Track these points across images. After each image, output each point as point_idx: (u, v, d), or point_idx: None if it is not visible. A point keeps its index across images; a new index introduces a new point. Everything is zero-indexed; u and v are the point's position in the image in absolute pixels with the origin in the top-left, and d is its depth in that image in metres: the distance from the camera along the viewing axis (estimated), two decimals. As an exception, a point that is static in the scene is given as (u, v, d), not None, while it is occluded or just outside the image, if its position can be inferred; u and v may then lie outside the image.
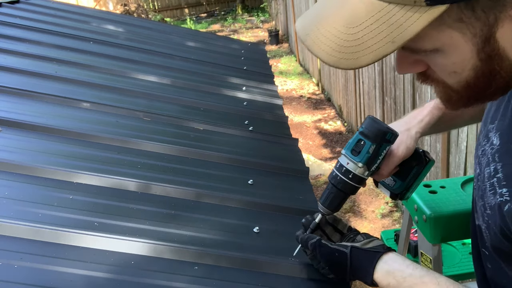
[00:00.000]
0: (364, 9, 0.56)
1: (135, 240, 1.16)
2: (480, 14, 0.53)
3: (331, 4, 0.61)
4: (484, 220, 0.76)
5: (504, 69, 0.58)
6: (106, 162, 1.55)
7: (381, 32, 0.55)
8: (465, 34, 0.55)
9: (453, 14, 0.54)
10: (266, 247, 1.27)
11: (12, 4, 3.65)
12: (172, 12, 14.91)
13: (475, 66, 0.58)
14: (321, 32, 0.59)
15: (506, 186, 0.67)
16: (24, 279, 0.99)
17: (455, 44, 0.57)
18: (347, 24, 0.57)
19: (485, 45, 0.56)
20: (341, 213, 3.97)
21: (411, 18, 0.53)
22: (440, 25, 0.55)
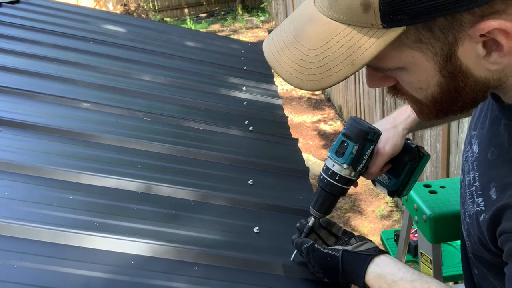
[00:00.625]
0: (325, 31, 0.56)
1: (135, 240, 1.16)
2: (438, 34, 0.53)
3: (295, 25, 0.61)
4: (465, 228, 0.76)
5: (469, 85, 0.58)
6: (106, 162, 1.55)
7: (341, 54, 0.56)
8: (426, 53, 0.55)
9: (412, 35, 0.54)
10: (266, 247, 1.27)
11: (12, 4, 3.65)
12: (172, 12, 14.91)
13: (439, 82, 0.58)
14: (285, 53, 0.60)
15: (481, 196, 0.67)
16: (24, 279, 0.99)
17: (417, 62, 0.57)
18: (309, 45, 0.58)
19: (446, 63, 0.56)
20: (341, 213, 3.97)
21: (369, 41, 0.54)
22: (400, 46, 0.55)
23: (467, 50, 0.54)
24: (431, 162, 3.35)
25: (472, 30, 0.52)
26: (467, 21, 0.51)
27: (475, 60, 0.55)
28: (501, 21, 0.50)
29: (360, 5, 0.52)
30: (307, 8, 0.60)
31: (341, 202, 4.09)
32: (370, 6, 0.51)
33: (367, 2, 0.51)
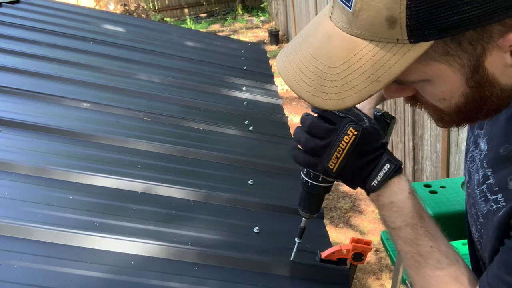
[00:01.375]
0: (345, 48, 0.54)
1: (135, 241, 1.15)
2: (467, 46, 0.51)
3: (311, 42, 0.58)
4: (477, 229, 0.74)
5: (495, 94, 0.57)
6: (106, 162, 1.55)
7: (364, 71, 0.53)
8: (453, 65, 0.54)
9: (439, 49, 0.52)
10: (266, 247, 1.27)
11: (12, 4, 3.65)
12: (172, 12, 14.91)
13: (464, 93, 0.57)
14: (303, 72, 0.57)
15: (500, 192, 0.65)
16: (24, 279, 0.99)
17: (442, 75, 0.56)
18: (329, 63, 0.55)
19: (474, 74, 0.54)
20: (341, 213, 3.97)
21: (395, 56, 0.52)
22: (426, 59, 0.53)
23: (495, 60, 0.53)
24: (431, 162, 3.35)
25: (501, 40, 0.50)
26: (497, 32, 0.50)
27: (502, 69, 0.54)
28: None
29: (385, 21, 0.49)
30: (323, 24, 0.58)
31: (341, 202, 4.09)
32: (396, 22, 0.49)
33: (392, 18, 0.49)
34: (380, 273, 3.20)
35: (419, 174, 3.62)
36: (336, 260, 1.20)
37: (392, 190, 0.78)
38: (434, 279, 0.74)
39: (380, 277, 3.17)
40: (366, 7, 0.50)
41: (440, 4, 0.47)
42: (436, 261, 0.74)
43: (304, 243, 1.27)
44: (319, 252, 1.22)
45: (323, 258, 1.21)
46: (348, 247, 1.19)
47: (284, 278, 1.14)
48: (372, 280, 3.16)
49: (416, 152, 3.62)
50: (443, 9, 0.47)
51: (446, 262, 0.74)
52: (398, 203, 0.78)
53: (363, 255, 1.20)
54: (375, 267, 3.27)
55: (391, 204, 0.78)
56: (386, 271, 3.21)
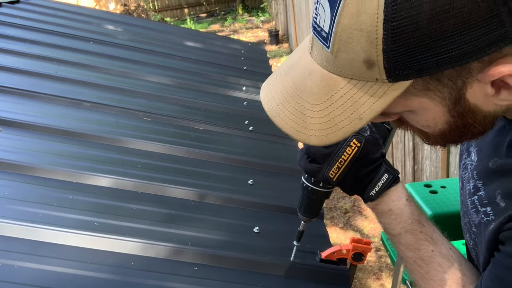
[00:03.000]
0: (326, 86, 0.54)
1: (135, 241, 1.15)
2: (446, 82, 0.51)
3: (293, 77, 0.58)
4: (471, 237, 0.74)
5: (478, 121, 0.57)
6: (106, 162, 1.55)
7: (346, 109, 0.53)
8: (434, 99, 0.54)
9: (419, 86, 0.51)
10: (266, 247, 1.27)
11: (12, 4, 3.66)
12: (172, 12, 14.91)
13: (448, 121, 0.57)
14: (287, 108, 0.57)
15: (489, 205, 0.66)
16: (24, 279, 0.99)
17: (424, 107, 0.56)
18: (311, 100, 0.55)
19: (455, 105, 0.54)
20: (341, 213, 3.97)
21: (376, 95, 0.52)
22: (407, 95, 0.53)
23: (476, 91, 0.52)
24: (431, 162, 3.35)
25: (481, 75, 0.50)
26: (476, 68, 0.50)
27: (484, 99, 0.54)
28: (510, 67, 0.49)
29: (363, 63, 0.49)
30: (304, 59, 0.57)
31: (341, 202, 4.09)
32: (374, 64, 0.49)
33: (370, 60, 0.48)
34: (380, 273, 3.20)
35: (419, 174, 3.61)
36: (336, 260, 1.20)
37: (390, 198, 0.80)
38: (437, 283, 0.75)
39: (380, 277, 3.17)
40: (344, 48, 0.49)
41: (416, 48, 0.46)
42: (438, 264, 0.75)
43: (304, 243, 1.27)
44: (319, 252, 1.22)
45: (323, 258, 1.21)
46: (348, 247, 1.19)
47: (284, 278, 1.14)
48: (372, 280, 3.16)
49: (416, 152, 3.62)
50: (419, 52, 0.47)
51: (447, 265, 0.75)
52: (396, 210, 0.80)
53: (363, 255, 1.20)
54: (375, 267, 3.27)
55: (389, 212, 0.80)
56: (386, 271, 3.21)
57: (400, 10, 0.44)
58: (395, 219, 0.80)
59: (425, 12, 0.44)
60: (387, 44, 0.46)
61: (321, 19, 0.51)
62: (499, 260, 0.62)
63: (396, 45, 0.46)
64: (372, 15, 0.45)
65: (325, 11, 0.50)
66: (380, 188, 0.80)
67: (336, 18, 0.48)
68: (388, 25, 0.45)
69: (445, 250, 0.77)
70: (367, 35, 0.46)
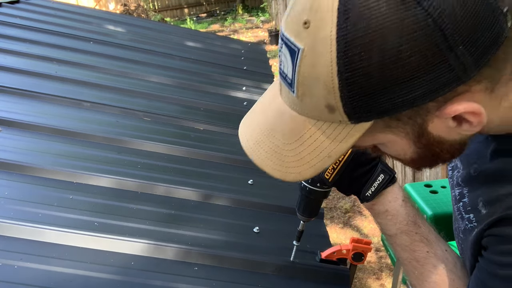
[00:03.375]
0: (296, 127, 0.57)
1: (135, 241, 1.15)
2: (406, 121, 0.53)
3: (266, 117, 0.61)
4: (459, 242, 0.76)
5: (445, 149, 0.59)
6: (106, 162, 1.55)
7: (316, 148, 0.56)
8: (398, 134, 0.56)
9: (381, 125, 0.54)
10: (266, 247, 1.27)
11: (12, 4, 3.66)
12: (172, 12, 14.90)
13: (415, 151, 0.59)
14: (262, 147, 0.61)
15: (472, 212, 0.67)
16: (24, 279, 0.99)
17: (390, 141, 0.58)
18: (284, 139, 0.58)
19: (419, 139, 0.56)
20: (341, 213, 3.97)
21: (341, 135, 0.54)
22: (371, 132, 0.55)
23: (437, 125, 0.54)
24: (431, 162, 3.34)
25: (439, 112, 0.52)
26: (432, 108, 0.52)
27: (447, 131, 0.56)
28: (466, 105, 0.50)
29: (325, 107, 0.52)
30: (276, 99, 0.60)
31: (341, 202, 4.09)
32: (335, 109, 0.51)
33: (331, 105, 0.51)
34: (380, 273, 3.20)
35: (419, 174, 3.61)
36: (336, 260, 1.20)
37: (386, 199, 0.82)
38: (431, 285, 0.76)
39: (380, 277, 3.17)
40: (307, 94, 0.52)
41: (370, 94, 0.48)
42: (432, 266, 0.76)
43: (304, 243, 1.27)
44: (319, 252, 1.22)
45: (323, 258, 1.21)
46: (348, 247, 1.19)
47: (284, 278, 1.14)
48: (372, 280, 3.16)
49: (416, 152, 3.62)
50: (374, 98, 0.49)
51: (442, 267, 0.76)
52: (392, 211, 0.81)
53: (363, 255, 1.20)
54: (375, 267, 3.27)
55: (386, 213, 0.82)
56: (386, 271, 3.21)
57: (351, 62, 0.46)
58: (391, 220, 0.81)
59: (375, 63, 0.46)
60: (343, 92, 0.49)
61: (285, 66, 0.54)
62: (482, 265, 0.63)
63: (351, 92, 0.49)
64: (327, 67, 0.48)
65: (287, 60, 0.52)
66: (376, 188, 0.81)
67: (297, 68, 0.50)
68: (342, 76, 0.47)
69: (440, 252, 0.78)
70: (325, 84, 0.49)
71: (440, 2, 0.44)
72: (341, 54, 0.47)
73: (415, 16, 0.44)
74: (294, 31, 0.50)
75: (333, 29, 0.46)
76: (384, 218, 0.82)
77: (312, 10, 0.48)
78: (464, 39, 0.46)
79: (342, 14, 0.46)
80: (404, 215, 0.80)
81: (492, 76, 0.50)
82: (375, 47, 0.45)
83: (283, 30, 0.53)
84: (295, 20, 0.50)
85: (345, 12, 0.46)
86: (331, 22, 0.46)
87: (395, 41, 0.45)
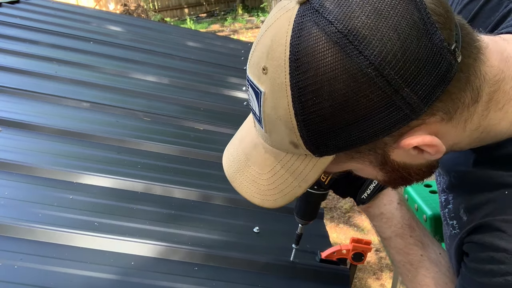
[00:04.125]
0: (268, 158, 0.61)
1: (135, 241, 1.15)
2: (367, 153, 0.56)
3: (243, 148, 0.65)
4: (447, 248, 0.77)
5: (413, 173, 0.61)
6: (106, 162, 1.55)
7: (287, 178, 0.60)
8: (362, 163, 0.59)
9: (343, 157, 0.56)
10: (266, 247, 1.27)
11: (12, 4, 3.65)
12: (172, 12, 14.89)
13: (384, 175, 0.61)
14: (241, 176, 0.65)
15: (455, 218, 0.69)
16: (24, 279, 0.99)
17: (358, 168, 0.61)
18: (259, 170, 0.63)
19: (384, 166, 0.59)
20: (341, 213, 3.97)
21: (308, 166, 0.58)
22: (337, 162, 0.58)
23: (400, 154, 0.56)
24: (431, 162, 3.35)
25: (396, 144, 0.54)
26: (389, 141, 0.54)
27: (410, 157, 0.57)
28: (420, 138, 0.53)
29: (289, 143, 0.55)
30: (250, 132, 0.64)
31: (341, 202, 4.09)
32: (298, 145, 0.55)
33: (294, 142, 0.54)
34: (380, 273, 3.20)
35: (419, 174, 3.61)
36: (336, 260, 1.20)
37: (381, 201, 0.84)
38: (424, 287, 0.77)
39: (380, 277, 3.17)
40: (274, 130, 0.55)
41: (327, 133, 0.51)
42: (425, 269, 0.78)
43: (304, 243, 1.27)
44: (319, 252, 1.22)
45: (323, 258, 1.21)
46: (348, 247, 1.19)
47: (284, 278, 1.14)
48: (372, 280, 3.15)
49: (416, 152, 3.62)
50: (331, 136, 0.52)
51: (435, 270, 0.77)
52: (387, 214, 0.83)
53: (363, 255, 1.20)
54: (375, 267, 3.27)
55: (381, 215, 0.83)
56: (386, 271, 3.21)
57: (305, 106, 0.50)
58: (386, 223, 0.83)
59: (327, 107, 0.49)
60: (302, 132, 0.52)
61: (253, 104, 0.57)
62: (465, 272, 0.65)
63: (310, 132, 0.52)
64: (285, 109, 0.51)
65: (254, 100, 0.56)
66: (371, 191, 0.84)
67: (261, 108, 0.54)
68: (299, 118, 0.51)
69: (434, 255, 0.79)
70: (285, 124, 0.53)
71: (381, 50, 0.46)
72: (296, 99, 0.50)
73: (358, 65, 0.47)
74: (256, 75, 0.54)
75: (286, 76, 0.50)
76: (379, 221, 0.84)
77: (269, 58, 0.51)
78: (408, 82, 0.48)
79: (293, 63, 0.49)
80: (399, 218, 0.82)
81: (446, 108, 0.52)
82: (324, 93, 0.48)
83: (247, 73, 0.57)
84: (255, 65, 0.54)
85: (296, 61, 0.49)
86: (284, 70, 0.50)
87: (342, 88, 0.48)
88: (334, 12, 0.47)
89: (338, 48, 0.47)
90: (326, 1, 0.48)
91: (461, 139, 0.59)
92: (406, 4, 0.47)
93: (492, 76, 0.55)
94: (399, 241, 0.81)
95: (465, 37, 0.52)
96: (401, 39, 0.47)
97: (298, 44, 0.48)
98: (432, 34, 0.48)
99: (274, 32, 0.51)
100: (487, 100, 0.56)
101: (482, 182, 0.63)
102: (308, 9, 0.49)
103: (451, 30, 0.50)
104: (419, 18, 0.48)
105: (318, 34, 0.47)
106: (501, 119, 0.58)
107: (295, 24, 0.49)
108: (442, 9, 0.49)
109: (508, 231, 0.57)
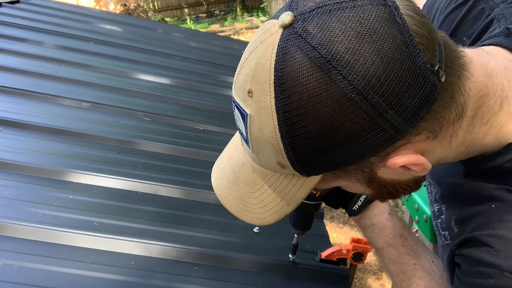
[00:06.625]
0: (256, 177, 0.61)
1: (135, 241, 1.15)
2: (354, 172, 0.56)
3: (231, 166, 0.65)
4: (440, 257, 0.78)
5: (401, 188, 0.61)
6: (106, 162, 1.55)
7: (276, 197, 0.61)
8: (349, 180, 0.59)
9: (331, 176, 0.57)
10: (266, 247, 1.27)
11: (12, 4, 3.65)
12: (172, 12, 14.89)
13: (372, 191, 0.62)
14: (230, 193, 0.65)
15: (447, 229, 0.69)
16: (24, 279, 0.99)
17: (346, 185, 0.62)
18: (247, 188, 0.63)
19: (371, 183, 0.59)
20: (341, 213, 3.97)
21: (296, 185, 0.58)
22: (325, 180, 0.58)
23: (386, 171, 0.57)
24: (431, 162, 3.35)
25: (383, 163, 0.55)
26: (375, 161, 0.54)
27: (397, 175, 0.58)
28: (405, 158, 0.53)
29: (277, 164, 0.56)
30: (239, 149, 0.64)
31: (341, 202, 4.09)
32: (285, 166, 0.55)
33: (281, 163, 0.55)
34: (380, 273, 3.20)
35: (419, 174, 3.61)
36: (336, 260, 1.20)
37: (372, 212, 0.85)
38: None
39: (380, 277, 3.17)
40: (261, 151, 0.56)
41: (313, 155, 0.52)
42: (418, 278, 0.79)
43: (304, 243, 1.27)
44: (319, 252, 1.22)
45: (323, 258, 1.21)
46: (348, 247, 1.19)
47: (284, 278, 1.14)
48: (372, 280, 3.15)
49: (416, 152, 3.62)
50: (318, 158, 0.52)
51: (428, 278, 0.78)
52: (378, 224, 0.84)
53: (363, 255, 1.20)
54: (375, 267, 3.27)
55: (372, 226, 0.85)
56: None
57: (291, 129, 0.50)
58: (378, 233, 0.84)
59: (312, 130, 0.49)
60: (289, 154, 0.52)
61: (240, 125, 0.57)
62: (457, 282, 0.65)
63: (296, 154, 0.52)
64: (271, 132, 0.51)
65: (240, 121, 0.56)
66: (362, 202, 0.85)
67: (248, 129, 0.54)
68: (285, 140, 0.51)
69: (427, 264, 0.80)
70: (272, 146, 0.53)
71: (365, 74, 0.46)
72: (282, 122, 0.50)
73: (341, 90, 0.47)
74: (242, 98, 0.54)
75: (272, 100, 0.50)
76: (371, 231, 0.85)
77: (254, 81, 0.51)
78: (392, 105, 0.48)
79: (278, 87, 0.49)
80: (391, 228, 0.83)
81: (431, 127, 0.53)
82: (309, 117, 0.49)
83: (233, 95, 0.57)
84: (241, 88, 0.54)
85: (281, 85, 0.49)
86: (269, 94, 0.50)
87: (327, 112, 0.48)
88: (317, 37, 0.47)
89: (322, 73, 0.47)
90: (309, 26, 0.48)
91: (447, 154, 0.59)
92: (389, 27, 0.47)
93: (476, 92, 0.56)
94: (392, 251, 0.82)
95: (448, 55, 0.52)
96: (384, 63, 0.47)
97: (283, 69, 0.49)
98: (415, 56, 0.48)
99: (258, 55, 0.51)
100: (472, 116, 0.56)
101: (471, 195, 0.64)
102: (291, 34, 0.49)
103: (434, 50, 0.50)
104: (402, 41, 0.47)
105: (302, 59, 0.47)
106: (486, 133, 0.59)
107: (279, 48, 0.49)
108: (424, 31, 0.49)
109: (495, 246, 0.58)
